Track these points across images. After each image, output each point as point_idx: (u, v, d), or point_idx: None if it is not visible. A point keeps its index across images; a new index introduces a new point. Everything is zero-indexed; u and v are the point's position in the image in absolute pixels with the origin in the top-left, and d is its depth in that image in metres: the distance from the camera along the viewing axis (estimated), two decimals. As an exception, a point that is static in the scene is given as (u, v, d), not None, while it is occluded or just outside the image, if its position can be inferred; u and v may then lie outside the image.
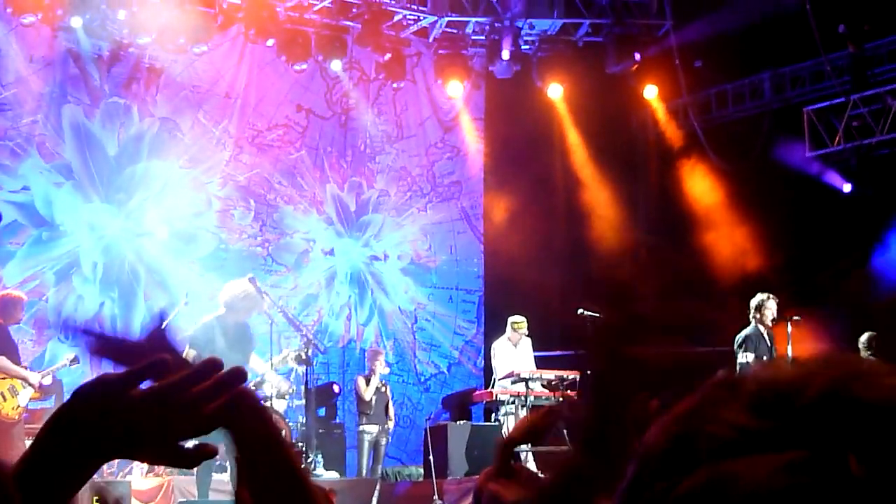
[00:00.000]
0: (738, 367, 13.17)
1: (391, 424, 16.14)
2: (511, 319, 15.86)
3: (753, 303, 13.54)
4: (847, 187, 17.61)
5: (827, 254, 16.83)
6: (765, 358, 13.18)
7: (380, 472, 15.54)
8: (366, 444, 15.73)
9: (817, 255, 16.69)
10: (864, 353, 14.45)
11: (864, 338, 14.45)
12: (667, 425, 1.09)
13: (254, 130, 17.67)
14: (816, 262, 16.68)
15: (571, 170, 19.02)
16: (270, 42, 16.76)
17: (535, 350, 15.84)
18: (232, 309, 12.88)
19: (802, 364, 1.08)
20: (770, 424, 1.03)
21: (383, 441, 15.83)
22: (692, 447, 1.06)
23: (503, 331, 16.18)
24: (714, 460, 1.04)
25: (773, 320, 13.46)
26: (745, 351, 13.29)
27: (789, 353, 13.94)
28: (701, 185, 18.39)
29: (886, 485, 0.99)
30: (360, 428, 15.81)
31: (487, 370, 17.47)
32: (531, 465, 15.12)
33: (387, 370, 16.34)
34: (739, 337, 13.42)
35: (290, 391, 14.35)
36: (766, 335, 13.47)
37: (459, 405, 17.34)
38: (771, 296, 13.61)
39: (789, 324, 13.16)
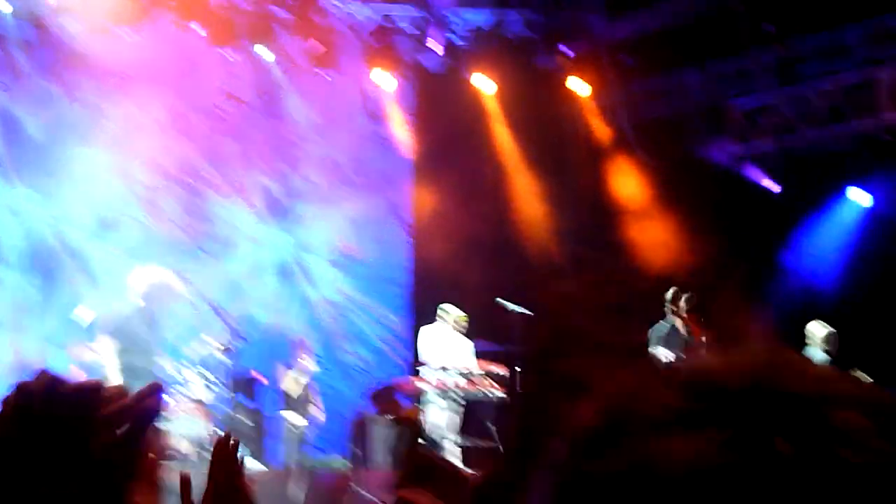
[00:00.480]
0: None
1: (321, 417, 16.03)
2: (453, 314, 15.71)
3: (668, 295, 13.64)
4: (771, 184, 17.76)
5: (752, 250, 17.00)
6: (678, 350, 13.27)
7: (301, 462, 15.43)
8: (291, 435, 15.63)
9: (742, 252, 16.85)
10: (820, 348, 14.61)
11: (823, 332, 14.58)
12: (598, 405, 1.11)
13: (182, 118, 17.49)
14: (740, 259, 16.84)
15: (500, 164, 19.03)
16: (199, 28, 16.55)
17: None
18: (149, 299, 12.81)
19: (733, 354, 1.11)
20: (701, 406, 1.06)
21: (306, 432, 15.72)
22: (623, 427, 1.07)
23: (429, 322, 16.12)
24: (644, 439, 1.05)
25: (687, 312, 13.53)
26: (658, 345, 13.38)
27: (704, 343, 14.06)
28: (629, 182, 18.49)
29: (812, 463, 1.01)
30: (286, 419, 15.70)
31: (412, 362, 17.40)
32: (456, 459, 15.14)
33: (316, 368, 16.21)
34: (653, 330, 13.51)
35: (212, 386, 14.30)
36: (681, 328, 13.55)
37: (384, 396, 17.24)
38: (689, 292, 13.69)
39: (705, 318, 13.19)
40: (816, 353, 14.61)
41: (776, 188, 17.68)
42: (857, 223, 17.17)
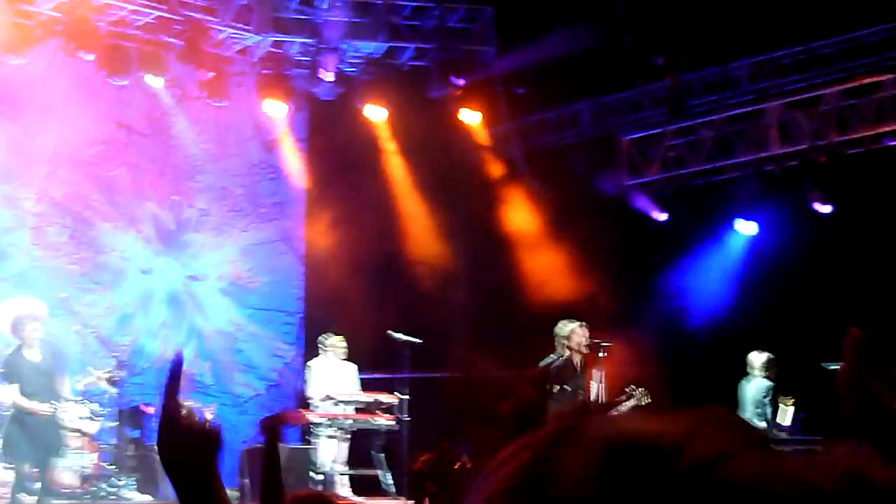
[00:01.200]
0: None
1: None
2: (330, 340, 15.89)
3: (563, 331, 13.63)
4: (662, 216, 17.90)
5: (641, 280, 17.17)
6: (568, 387, 13.31)
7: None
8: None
9: (631, 282, 17.03)
10: (760, 375, 14.74)
11: (762, 359, 14.71)
12: (512, 461, 1.07)
13: (71, 146, 17.28)
14: (630, 289, 16.99)
15: (393, 193, 19.06)
16: (90, 57, 16.37)
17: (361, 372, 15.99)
18: (16, 330, 12.77)
19: (655, 420, 1.07)
20: (626, 485, 1.02)
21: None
22: (539, 492, 1.04)
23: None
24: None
25: (585, 347, 13.57)
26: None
27: (597, 379, 14.11)
28: (521, 212, 18.58)
29: None
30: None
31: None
32: (345, 489, 15.12)
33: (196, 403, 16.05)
34: (542, 364, 13.50)
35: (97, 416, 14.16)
36: (575, 363, 13.57)
37: (274, 428, 17.16)
38: (582, 323, 13.75)
39: (601, 351, 13.26)
40: (758, 381, 14.84)
41: (663, 217, 17.79)
42: (742, 252, 17.39)
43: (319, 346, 15.94)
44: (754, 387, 14.88)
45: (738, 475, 1.02)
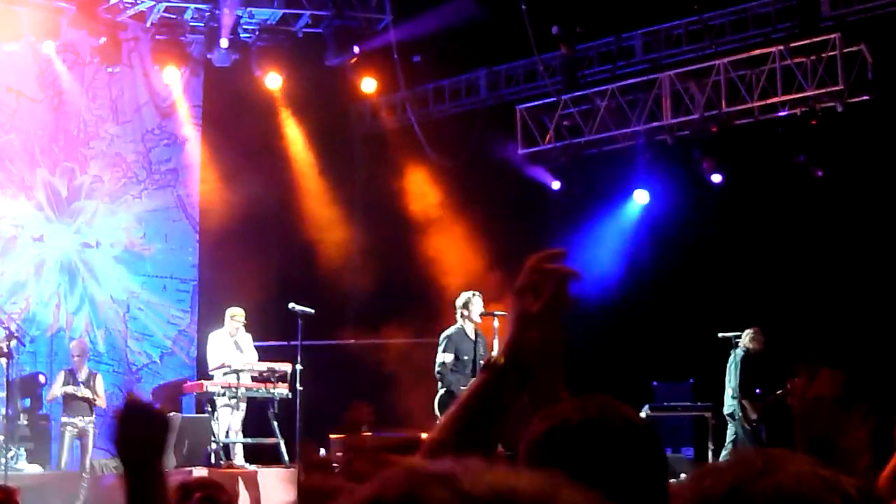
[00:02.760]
0: (436, 365, 13.39)
1: (102, 405, 15.57)
2: (229, 311, 15.79)
3: (459, 301, 13.72)
4: (556, 185, 17.98)
5: (535, 249, 17.26)
6: (466, 357, 13.40)
7: (87, 464, 15.19)
8: (66, 437, 15.31)
9: (525, 251, 17.07)
10: (751, 346, 14.88)
11: (747, 335, 14.83)
12: None
13: (-40, 111, 17.05)
14: (524, 258, 17.07)
15: (289, 161, 18.99)
16: (-21, 21, 16.10)
17: (255, 340, 15.88)
18: None
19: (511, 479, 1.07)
20: None
21: (90, 432, 15.42)
22: None
23: (217, 320, 16.16)
24: None
25: (480, 315, 13.64)
26: (446, 350, 13.46)
27: (495, 347, 14.23)
28: (417, 181, 18.57)
29: None
30: (63, 420, 15.38)
31: (201, 360, 17.35)
32: (240, 458, 15.10)
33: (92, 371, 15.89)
34: (443, 335, 13.58)
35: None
36: (470, 333, 13.64)
37: (170, 397, 17.10)
38: (476, 292, 13.81)
39: (496, 319, 13.34)
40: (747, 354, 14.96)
41: (557, 186, 17.89)
42: (636, 221, 17.44)
43: (225, 319, 15.77)
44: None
45: None
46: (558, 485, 1.07)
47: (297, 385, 14.67)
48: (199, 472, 13.41)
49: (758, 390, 14.79)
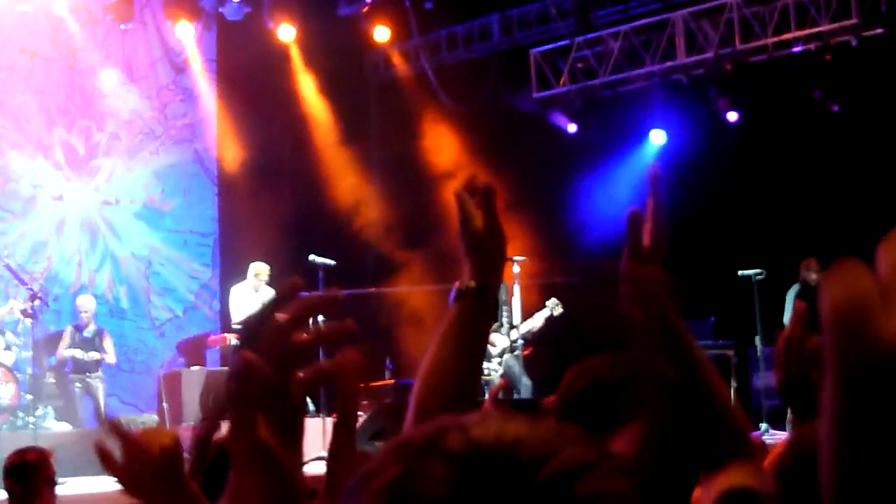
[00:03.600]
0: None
1: (111, 360, 15.62)
2: (253, 267, 15.85)
3: None
4: (572, 128, 17.97)
5: (553, 193, 17.15)
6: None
7: (101, 417, 15.15)
8: (77, 393, 15.37)
9: (542, 195, 17.06)
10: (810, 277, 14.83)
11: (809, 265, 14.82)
12: (382, 475, 1.09)
13: (-25, 73, 17.06)
14: (543, 202, 17.04)
15: (303, 112, 18.98)
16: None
17: (269, 294, 15.89)
18: None
19: (517, 426, 1.10)
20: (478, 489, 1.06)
21: (99, 387, 15.45)
22: None
23: (239, 273, 16.28)
24: None
25: None
26: None
27: (516, 293, 14.25)
28: (431, 128, 18.49)
29: None
30: (71, 377, 15.38)
31: (224, 314, 17.48)
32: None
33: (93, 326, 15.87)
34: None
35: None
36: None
37: (194, 350, 17.24)
38: None
39: (515, 265, 13.34)
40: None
41: (573, 129, 17.88)
42: (655, 157, 17.24)
43: (249, 274, 15.85)
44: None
45: (597, 488, 1.07)
46: (565, 439, 1.09)
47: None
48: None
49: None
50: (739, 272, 14.92)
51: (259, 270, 15.80)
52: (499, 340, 14.64)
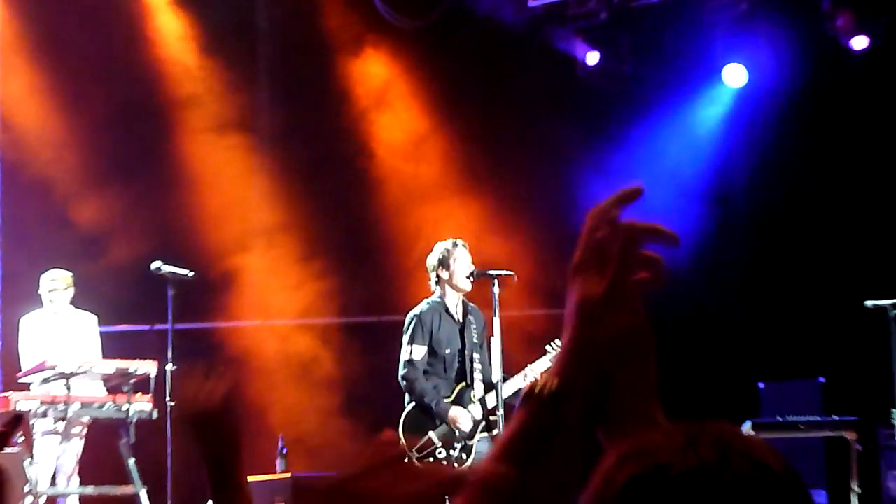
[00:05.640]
0: (400, 366, 10.59)
1: None
2: (44, 278, 11.91)
3: (433, 257, 10.44)
4: (592, 57, 13.83)
5: (556, 163, 13.64)
6: (448, 351, 10.51)
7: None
8: None
9: (543, 167, 13.53)
10: None
11: None
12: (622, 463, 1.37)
13: None
14: (540, 178, 13.60)
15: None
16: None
17: (101, 325, 11.96)
18: None
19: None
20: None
21: None
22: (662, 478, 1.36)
23: (28, 298, 12.11)
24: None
25: (469, 277, 10.61)
26: (414, 341, 10.60)
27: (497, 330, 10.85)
28: (366, 60, 14.00)
29: None
30: None
31: (6, 361, 12.99)
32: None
33: None
34: (409, 315, 10.52)
35: None
36: (454, 309, 10.74)
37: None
38: (460, 241, 10.43)
39: (495, 283, 10.22)
40: None
41: (594, 58, 13.65)
42: (727, 115, 13.72)
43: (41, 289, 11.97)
44: None
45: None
46: None
47: (168, 396, 11.03)
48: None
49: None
50: (867, 302, 11.18)
51: (53, 278, 12.04)
52: (465, 416, 10.77)
